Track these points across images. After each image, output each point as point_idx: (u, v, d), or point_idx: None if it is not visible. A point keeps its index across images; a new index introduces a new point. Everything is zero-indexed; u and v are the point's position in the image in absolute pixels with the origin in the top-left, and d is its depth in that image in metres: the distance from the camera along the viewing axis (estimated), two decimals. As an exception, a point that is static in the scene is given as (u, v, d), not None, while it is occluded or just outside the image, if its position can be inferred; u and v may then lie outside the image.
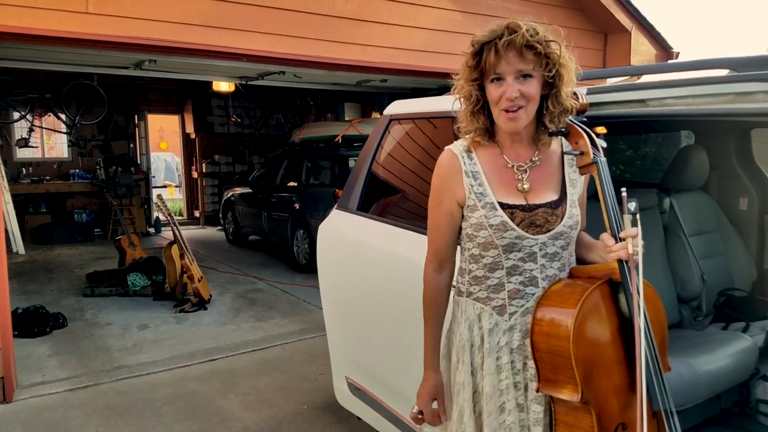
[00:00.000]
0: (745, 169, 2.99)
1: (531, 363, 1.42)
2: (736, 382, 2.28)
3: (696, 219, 2.81)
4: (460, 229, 1.53)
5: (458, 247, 1.58)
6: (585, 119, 1.48)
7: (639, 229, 1.32)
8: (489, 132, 1.48)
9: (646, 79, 2.06)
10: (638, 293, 1.30)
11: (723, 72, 1.71)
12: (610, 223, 1.37)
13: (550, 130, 1.45)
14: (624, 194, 1.32)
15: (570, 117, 1.45)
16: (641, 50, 6.29)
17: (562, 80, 1.39)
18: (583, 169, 1.42)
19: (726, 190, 3.04)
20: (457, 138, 1.57)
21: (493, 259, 1.45)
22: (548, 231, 1.43)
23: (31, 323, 4.65)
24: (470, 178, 1.46)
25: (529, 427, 1.44)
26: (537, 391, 1.40)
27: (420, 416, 1.57)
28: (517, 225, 1.42)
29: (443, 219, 1.51)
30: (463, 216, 1.50)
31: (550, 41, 1.38)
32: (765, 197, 2.95)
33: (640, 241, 1.31)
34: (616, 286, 1.39)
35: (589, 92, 1.90)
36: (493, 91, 1.39)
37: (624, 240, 1.32)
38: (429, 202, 1.56)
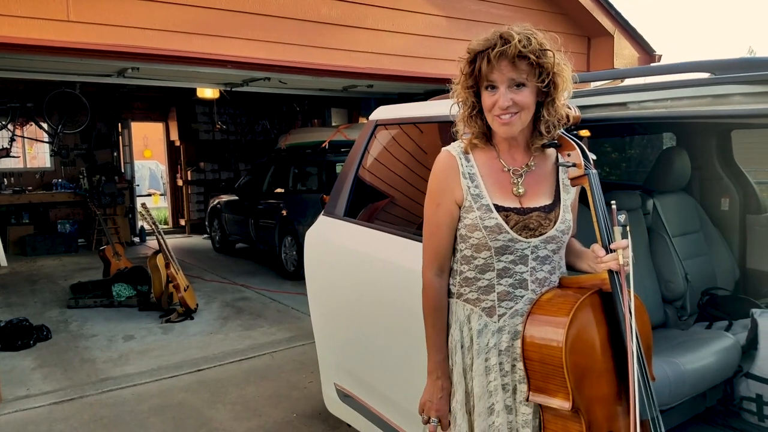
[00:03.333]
0: (727, 170, 3.04)
1: (520, 365, 1.43)
2: (720, 379, 2.31)
3: (679, 220, 2.85)
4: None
5: None
6: (576, 131, 1.51)
7: (629, 241, 1.33)
8: (486, 135, 1.50)
9: (628, 82, 2.09)
10: (630, 304, 1.31)
11: (704, 75, 1.74)
12: (600, 234, 1.39)
13: (544, 142, 1.46)
14: (614, 206, 1.34)
15: (561, 129, 1.47)
16: (624, 53, 6.38)
17: (557, 89, 1.41)
18: (575, 180, 1.45)
19: (708, 191, 3.09)
20: (444, 143, 1.59)
21: (485, 261, 1.47)
22: (541, 235, 1.45)
23: (15, 336, 4.57)
24: (467, 179, 1.48)
25: (518, 429, 1.45)
26: (527, 399, 1.41)
27: (438, 425, 1.55)
28: (511, 228, 1.44)
29: (443, 220, 1.51)
30: (459, 217, 1.50)
31: (545, 50, 1.38)
32: (746, 197, 3.01)
33: (630, 253, 1.33)
34: (605, 296, 1.41)
35: (573, 96, 1.92)
36: (486, 98, 1.41)
37: (615, 251, 1.34)
38: (426, 204, 1.54)
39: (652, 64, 6.32)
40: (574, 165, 1.43)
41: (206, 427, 3.24)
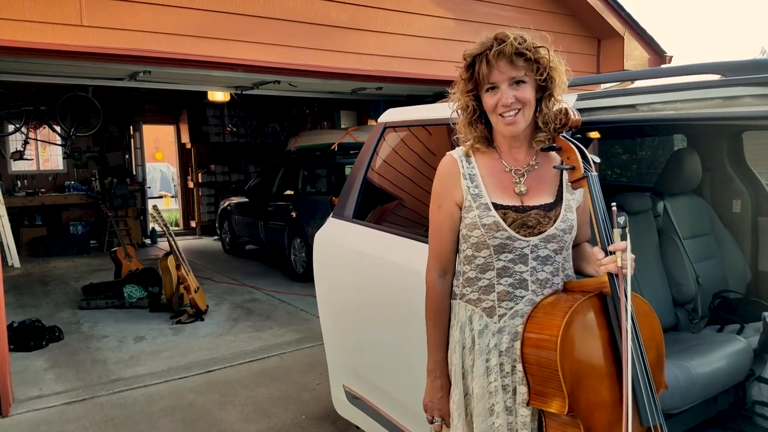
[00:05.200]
0: (738, 171, 3.02)
1: (520, 366, 1.43)
2: (731, 383, 2.29)
3: (690, 222, 2.83)
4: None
5: None
6: (579, 136, 1.51)
7: (628, 243, 1.33)
8: (487, 139, 1.52)
9: (638, 84, 2.08)
10: (626, 307, 1.29)
11: (714, 76, 1.73)
12: (600, 237, 1.38)
13: (544, 139, 1.48)
14: (614, 208, 1.34)
15: (563, 133, 1.48)
16: (634, 55, 6.33)
17: (554, 83, 1.45)
18: (574, 183, 1.45)
19: (719, 193, 3.06)
20: (453, 145, 1.61)
21: (485, 260, 1.48)
22: (540, 233, 1.45)
23: (27, 337, 4.62)
24: (467, 180, 1.50)
25: (517, 431, 1.45)
26: (527, 404, 1.41)
27: (443, 424, 1.58)
28: (509, 225, 1.44)
29: (444, 222, 1.54)
30: (460, 218, 1.52)
31: (539, 47, 1.42)
32: (758, 199, 2.98)
33: (629, 255, 1.32)
34: (609, 300, 1.39)
35: (581, 98, 1.92)
36: (488, 100, 1.44)
37: (613, 254, 1.33)
38: (430, 207, 1.58)
39: (662, 66, 6.28)
40: (574, 168, 1.43)
41: (216, 428, 3.25)
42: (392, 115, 2.80)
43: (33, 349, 4.55)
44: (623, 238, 1.33)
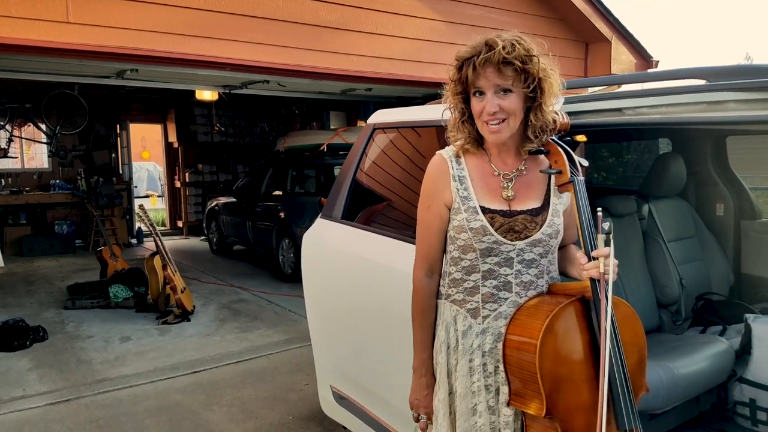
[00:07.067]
0: (722, 175, 3.07)
1: (503, 367, 1.44)
2: (713, 384, 2.33)
3: (674, 225, 2.87)
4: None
5: None
6: (569, 139, 1.52)
7: (611, 249, 1.34)
8: (477, 141, 1.52)
9: (624, 88, 2.11)
10: (606, 313, 1.31)
11: (699, 81, 1.76)
12: (584, 242, 1.39)
13: (533, 147, 1.48)
14: (599, 214, 1.35)
15: (551, 136, 1.48)
16: (621, 59, 6.41)
17: (544, 94, 1.42)
18: (561, 187, 1.46)
19: (703, 197, 3.11)
20: (442, 146, 1.61)
21: (471, 262, 1.48)
22: (526, 237, 1.46)
23: (11, 337, 4.56)
24: (457, 182, 1.50)
25: (500, 430, 1.46)
26: (507, 404, 1.42)
27: (428, 422, 1.59)
28: (496, 230, 1.45)
29: (433, 222, 1.54)
30: (449, 219, 1.53)
31: (531, 56, 1.38)
32: (741, 203, 3.03)
33: (612, 261, 1.33)
34: (591, 304, 1.40)
35: (568, 101, 1.94)
36: (475, 104, 1.43)
37: (596, 259, 1.34)
38: (419, 206, 1.58)
39: (648, 70, 6.35)
40: (560, 172, 1.44)
41: (202, 428, 3.23)
42: (381, 116, 2.81)
43: (17, 349, 4.50)
44: (607, 244, 1.34)
